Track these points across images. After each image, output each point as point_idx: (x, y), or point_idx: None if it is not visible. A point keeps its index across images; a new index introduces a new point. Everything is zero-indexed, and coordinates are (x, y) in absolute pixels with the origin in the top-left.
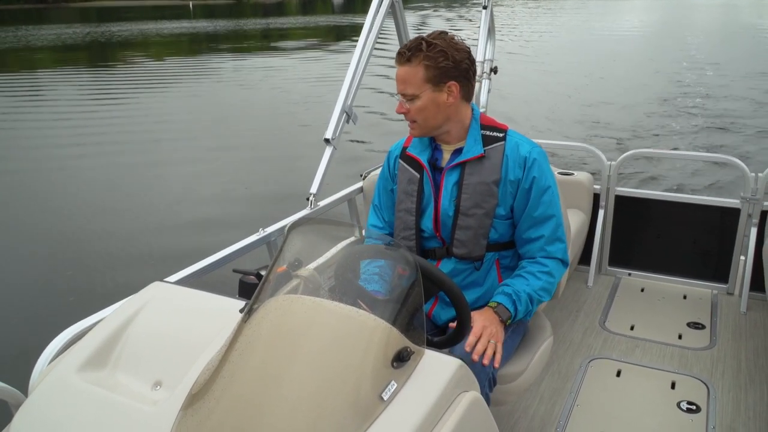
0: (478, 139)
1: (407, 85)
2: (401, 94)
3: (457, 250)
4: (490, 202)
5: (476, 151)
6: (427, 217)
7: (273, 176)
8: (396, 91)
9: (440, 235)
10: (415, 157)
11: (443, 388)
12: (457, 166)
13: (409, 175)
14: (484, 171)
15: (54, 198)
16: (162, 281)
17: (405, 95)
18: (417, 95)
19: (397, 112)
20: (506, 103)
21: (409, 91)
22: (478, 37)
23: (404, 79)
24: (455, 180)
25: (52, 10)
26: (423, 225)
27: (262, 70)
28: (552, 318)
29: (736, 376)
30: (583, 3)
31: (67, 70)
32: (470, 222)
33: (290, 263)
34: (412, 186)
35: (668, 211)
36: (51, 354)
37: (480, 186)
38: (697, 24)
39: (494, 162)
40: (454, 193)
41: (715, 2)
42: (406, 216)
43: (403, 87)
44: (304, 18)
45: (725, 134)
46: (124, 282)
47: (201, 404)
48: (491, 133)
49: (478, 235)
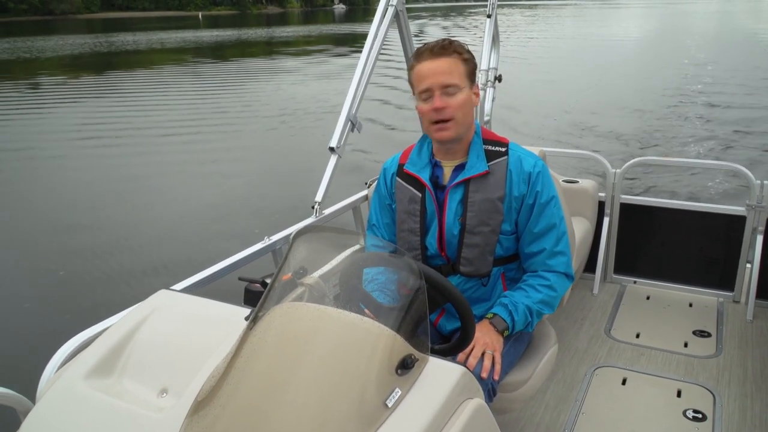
0: (481, 154)
1: (451, 76)
2: (442, 85)
3: (464, 268)
4: (496, 219)
5: (480, 167)
6: (431, 236)
7: (278, 185)
8: (420, 89)
9: (445, 253)
10: (415, 175)
11: (447, 395)
12: (461, 184)
13: (409, 194)
14: (489, 187)
15: (60, 207)
16: (168, 289)
17: (448, 87)
18: (461, 88)
19: (436, 108)
20: (509, 112)
21: (454, 81)
22: (483, 46)
23: (445, 71)
24: (460, 198)
25: (59, 21)
26: (427, 243)
27: (268, 77)
28: (557, 326)
29: (743, 385)
30: (581, 11)
31: (71, 80)
32: (477, 240)
33: (295, 271)
34: (414, 206)
35: (673, 218)
36: (59, 361)
37: (485, 203)
38: (696, 30)
39: (498, 178)
40: (459, 211)
41: (710, 9)
42: (410, 236)
43: (445, 78)
44: (306, 27)
45: (733, 141)
46: (132, 291)
47: (207, 411)
48: (494, 148)
49: (485, 252)
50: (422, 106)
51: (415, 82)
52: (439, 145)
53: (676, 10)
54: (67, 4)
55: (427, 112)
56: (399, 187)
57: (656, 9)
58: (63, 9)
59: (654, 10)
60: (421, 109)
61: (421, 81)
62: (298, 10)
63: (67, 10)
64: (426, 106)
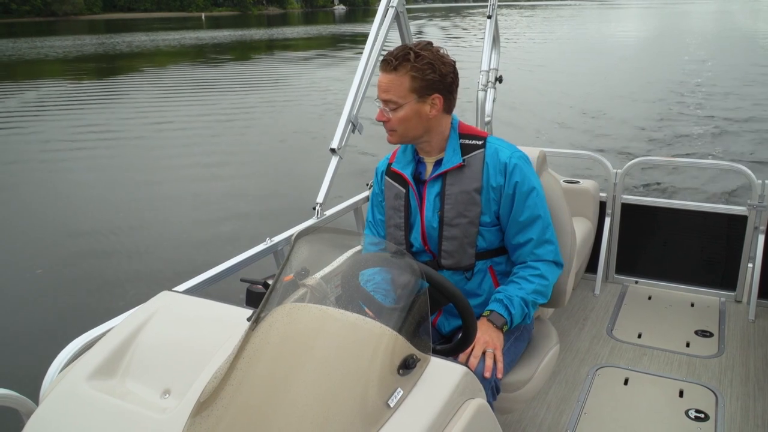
0: (456, 148)
1: (391, 94)
2: (383, 101)
3: (445, 261)
4: (473, 210)
5: (455, 161)
6: (416, 231)
7: (278, 185)
8: (376, 97)
9: (429, 248)
10: (399, 172)
11: (449, 394)
12: (438, 177)
13: (395, 190)
14: (464, 180)
15: (65, 209)
16: (170, 290)
17: (387, 103)
18: (400, 105)
19: (377, 119)
20: (510, 112)
21: (393, 100)
22: (483, 47)
23: (388, 88)
24: (437, 191)
25: (62, 22)
26: (412, 239)
27: (269, 78)
28: (559, 326)
29: (745, 384)
30: (579, 11)
31: (72, 82)
32: (455, 232)
33: (297, 272)
34: (398, 201)
35: (675, 218)
36: (61, 363)
37: (462, 195)
38: (695, 30)
39: (474, 170)
40: (437, 204)
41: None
42: (396, 231)
43: (386, 95)
44: (305, 28)
45: (734, 140)
46: (137, 292)
47: (209, 412)
48: (470, 142)
49: (464, 244)
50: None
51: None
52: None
53: (675, 10)
54: (69, 5)
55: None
56: (387, 185)
57: (655, 9)
58: (65, 10)
59: (652, 11)
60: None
61: (378, 89)
62: (298, 10)
63: (70, 11)
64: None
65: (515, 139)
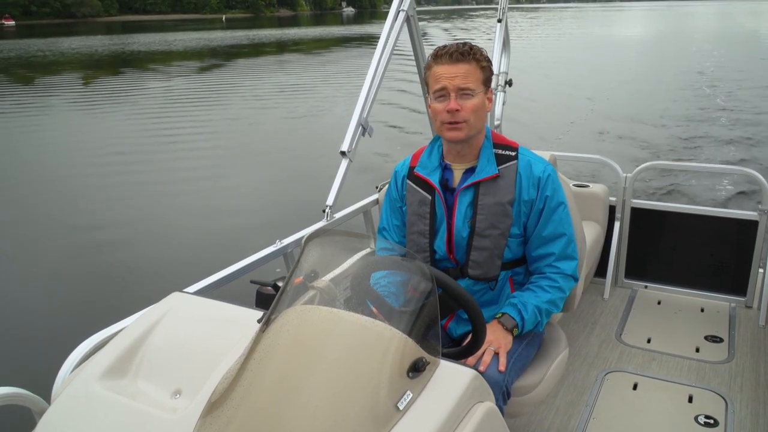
0: (491, 158)
1: (468, 80)
2: (458, 88)
3: (472, 271)
4: (505, 222)
5: (491, 171)
6: (440, 239)
7: (290, 188)
8: (436, 89)
9: (453, 256)
10: (425, 178)
11: (458, 398)
12: (471, 187)
13: (419, 196)
14: (498, 191)
15: (76, 211)
16: (181, 291)
17: (464, 90)
18: (476, 92)
19: (450, 109)
20: (520, 115)
21: (471, 87)
22: (493, 50)
23: (465, 74)
24: (469, 201)
25: (81, 24)
26: (436, 246)
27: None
28: (568, 330)
29: (755, 390)
30: (582, 12)
31: (82, 87)
32: (486, 243)
33: (307, 274)
34: (423, 208)
35: (685, 223)
36: (74, 362)
37: (495, 206)
38: (701, 31)
39: (508, 181)
40: (468, 214)
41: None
42: (419, 238)
43: (462, 81)
44: (315, 29)
45: (747, 145)
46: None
47: (220, 412)
48: (504, 152)
49: (493, 255)
50: (436, 105)
51: (431, 82)
52: (450, 147)
53: (679, 11)
54: (87, 7)
55: (441, 112)
56: (409, 190)
57: (658, 11)
58: (84, 12)
59: (655, 12)
60: (434, 108)
61: (437, 81)
62: (308, 12)
63: (88, 13)
64: (440, 106)
65: (524, 142)
